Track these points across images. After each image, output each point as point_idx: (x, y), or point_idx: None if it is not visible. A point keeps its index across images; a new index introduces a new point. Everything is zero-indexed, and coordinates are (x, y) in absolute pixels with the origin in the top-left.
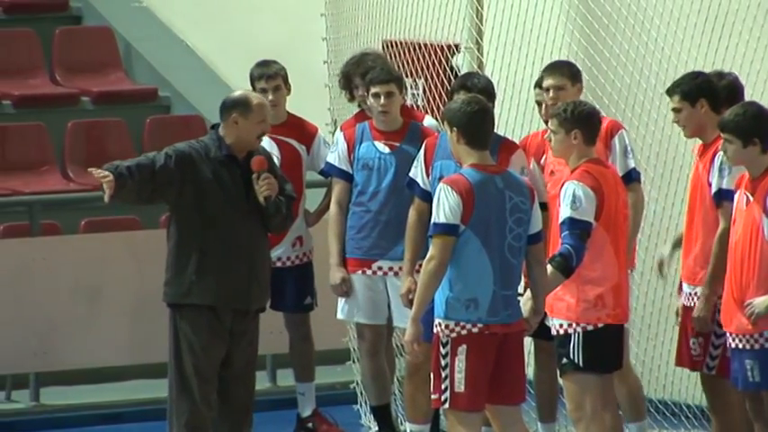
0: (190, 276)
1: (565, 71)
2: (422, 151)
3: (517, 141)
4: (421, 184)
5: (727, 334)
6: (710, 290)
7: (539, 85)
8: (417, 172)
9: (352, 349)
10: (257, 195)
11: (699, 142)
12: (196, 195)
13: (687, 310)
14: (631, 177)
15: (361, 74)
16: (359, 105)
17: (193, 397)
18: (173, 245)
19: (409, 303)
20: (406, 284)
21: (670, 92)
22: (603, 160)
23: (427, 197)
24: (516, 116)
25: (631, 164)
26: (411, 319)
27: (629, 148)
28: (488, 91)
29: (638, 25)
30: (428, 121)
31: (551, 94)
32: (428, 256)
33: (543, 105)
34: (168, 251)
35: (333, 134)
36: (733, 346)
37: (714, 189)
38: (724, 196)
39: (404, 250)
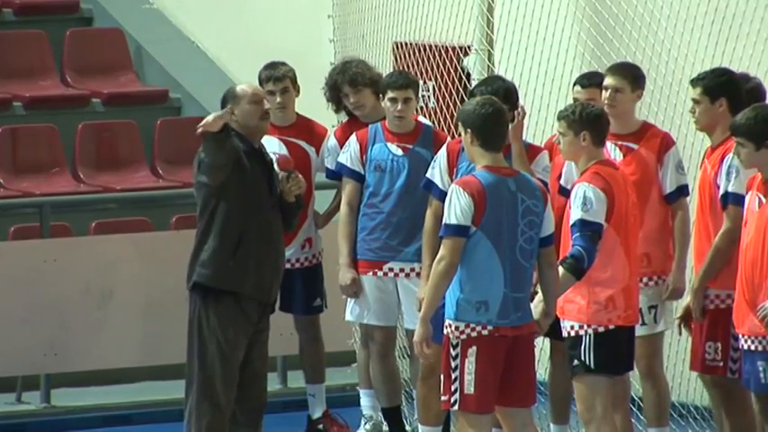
0: (228, 262)
1: (628, 75)
2: (443, 154)
3: (527, 141)
4: (440, 186)
5: (739, 335)
6: (700, 285)
7: (579, 83)
8: (435, 173)
9: (357, 352)
10: (286, 194)
11: (709, 144)
12: (239, 182)
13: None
14: (681, 193)
15: (349, 81)
16: (347, 114)
17: (217, 399)
18: (217, 229)
19: None
20: (423, 290)
21: (693, 82)
22: (613, 162)
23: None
24: (530, 116)
25: (684, 180)
26: (420, 320)
27: (682, 164)
28: (505, 96)
29: (645, 27)
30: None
31: (608, 94)
32: (438, 256)
33: None
34: (206, 234)
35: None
36: (745, 347)
37: (721, 191)
38: (731, 199)
39: (415, 252)
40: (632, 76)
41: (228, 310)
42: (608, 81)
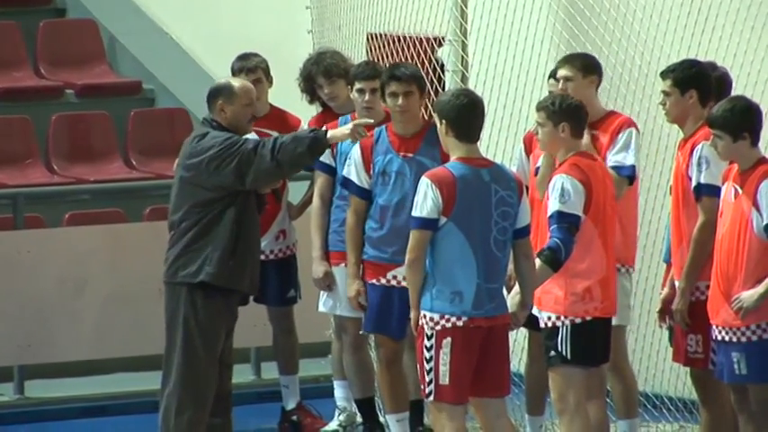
0: (230, 261)
1: (577, 63)
2: (357, 151)
3: (498, 132)
4: (356, 182)
5: (713, 327)
6: (687, 283)
7: (553, 75)
8: (352, 170)
9: (332, 343)
10: None
11: (681, 135)
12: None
13: None
14: (617, 172)
15: (324, 72)
16: (321, 105)
17: (200, 393)
18: (225, 230)
19: (359, 306)
20: (354, 287)
21: (663, 74)
22: (591, 153)
23: (365, 195)
24: (505, 107)
25: (625, 160)
26: (412, 307)
27: (632, 146)
28: (416, 80)
29: (620, 18)
30: None
31: (561, 84)
32: (408, 248)
33: None
34: (207, 231)
35: None
36: (719, 338)
37: (693, 183)
38: (704, 191)
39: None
40: (581, 63)
41: (218, 305)
42: (559, 72)
